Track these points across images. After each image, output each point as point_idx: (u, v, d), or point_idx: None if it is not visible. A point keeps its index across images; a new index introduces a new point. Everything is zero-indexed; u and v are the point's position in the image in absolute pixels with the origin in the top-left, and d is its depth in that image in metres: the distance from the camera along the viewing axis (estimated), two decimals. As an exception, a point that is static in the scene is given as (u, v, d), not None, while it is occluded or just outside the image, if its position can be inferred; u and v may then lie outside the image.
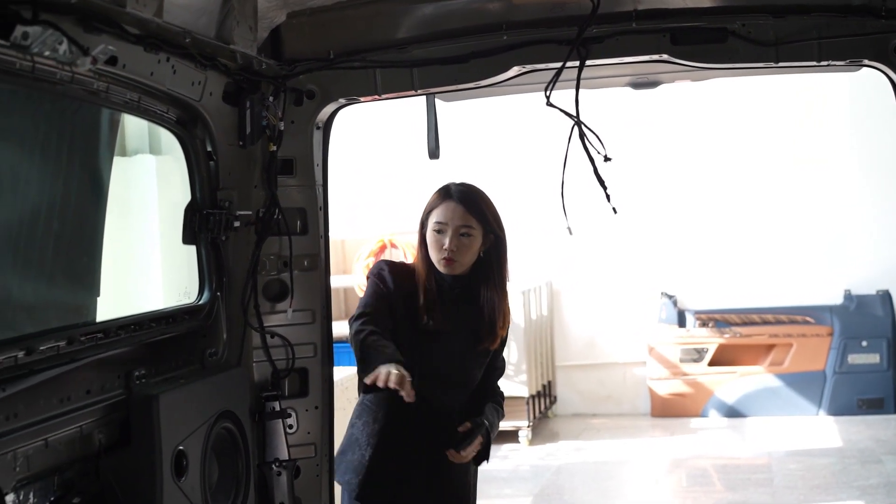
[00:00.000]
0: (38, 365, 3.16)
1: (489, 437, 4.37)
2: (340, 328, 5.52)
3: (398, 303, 4.29)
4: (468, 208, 4.30)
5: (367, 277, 4.41)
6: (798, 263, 11.87)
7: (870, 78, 4.65)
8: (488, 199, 4.37)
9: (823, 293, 11.70)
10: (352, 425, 4.42)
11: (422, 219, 4.39)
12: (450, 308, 4.34)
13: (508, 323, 4.44)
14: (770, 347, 11.66)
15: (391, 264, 4.43)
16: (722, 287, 12.01)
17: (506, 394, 9.84)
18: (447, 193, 4.33)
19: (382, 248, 11.79)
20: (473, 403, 4.46)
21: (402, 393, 3.89)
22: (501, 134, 12.28)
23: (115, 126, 4.21)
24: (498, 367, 4.58)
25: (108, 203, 4.07)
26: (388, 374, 3.90)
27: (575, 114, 4.02)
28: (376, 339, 4.08)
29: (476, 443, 4.31)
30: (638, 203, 11.61)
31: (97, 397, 3.42)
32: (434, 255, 4.31)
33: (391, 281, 4.31)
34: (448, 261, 4.28)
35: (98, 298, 3.95)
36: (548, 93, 4.06)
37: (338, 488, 4.57)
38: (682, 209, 12.10)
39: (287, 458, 4.26)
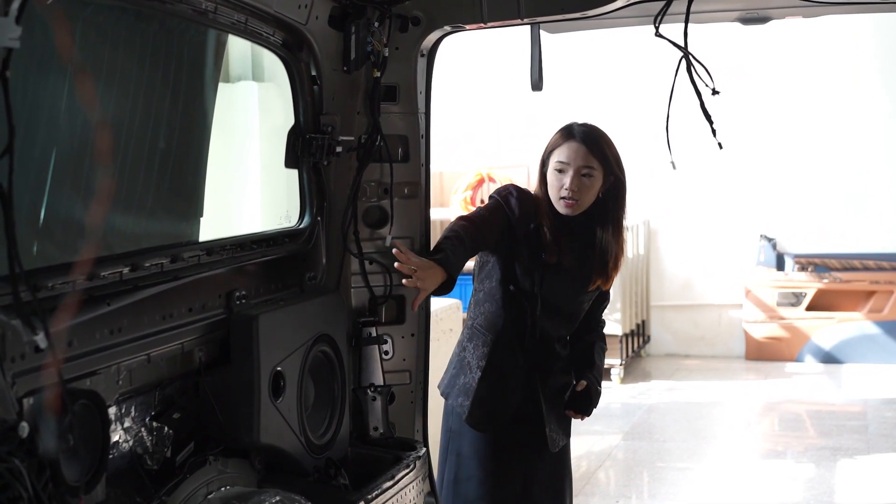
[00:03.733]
0: (142, 281, 3.20)
1: (599, 395, 4.52)
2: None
3: (520, 230, 4.29)
4: (591, 149, 4.26)
5: (491, 196, 4.40)
6: (902, 209, 11.64)
7: None
8: (611, 141, 4.33)
9: (927, 240, 11.49)
10: (463, 349, 4.46)
11: (543, 157, 4.37)
12: (567, 245, 4.34)
13: (621, 264, 4.44)
14: (870, 294, 11.47)
15: (520, 191, 4.41)
16: (823, 231, 11.83)
17: (599, 331, 9.64)
18: (570, 133, 4.30)
19: (480, 182, 11.77)
20: (580, 333, 4.55)
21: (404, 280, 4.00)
22: (602, 69, 12.15)
23: (220, 50, 4.22)
24: (605, 300, 4.61)
25: (212, 127, 4.10)
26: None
27: (684, 45, 3.95)
28: (448, 242, 4.13)
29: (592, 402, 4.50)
30: (740, 143, 11.44)
31: (198, 315, 3.46)
32: (553, 195, 4.30)
33: (518, 208, 4.31)
34: (568, 201, 4.26)
35: (201, 219, 3.99)
36: (657, 24, 4.00)
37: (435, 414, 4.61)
38: (786, 151, 11.90)
39: (382, 383, 4.28)
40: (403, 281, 4.00)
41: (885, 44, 11.59)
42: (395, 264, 4.01)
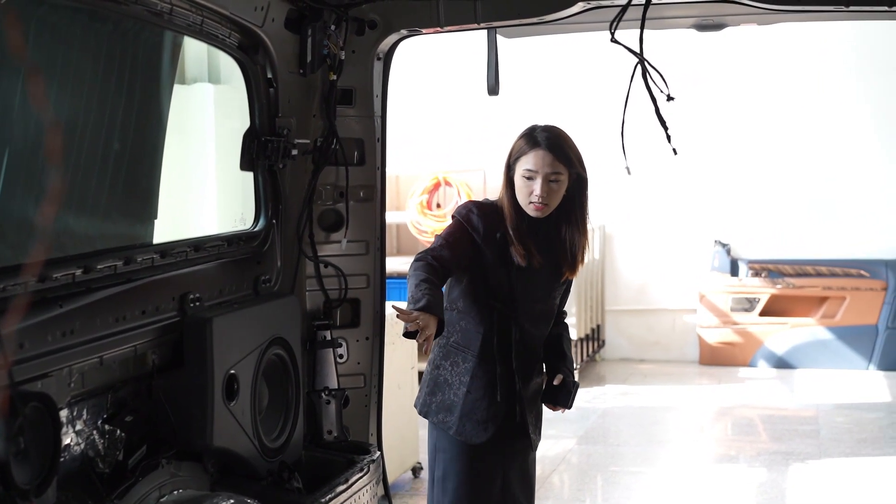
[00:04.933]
0: (95, 283, 3.18)
1: (577, 387, 4.52)
2: (393, 264, 5.53)
3: (489, 244, 4.31)
4: (557, 156, 4.29)
5: (453, 217, 4.40)
6: (854, 216, 11.74)
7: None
8: (572, 142, 4.36)
9: (879, 247, 11.58)
10: (437, 367, 4.44)
11: (508, 162, 4.39)
12: (534, 245, 4.36)
13: (586, 256, 4.48)
14: (823, 300, 11.57)
15: (480, 206, 4.43)
16: (776, 237, 11.92)
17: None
18: (535, 141, 4.32)
19: (437, 186, 11.77)
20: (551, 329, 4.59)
21: (420, 340, 3.88)
22: (559, 74, 12.20)
23: (176, 52, 4.21)
24: (569, 289, 4.64)
25: (167, 129, 4.08)
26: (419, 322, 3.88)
27: (639, 51, 3.98)
28: (425, 285, 4.06)
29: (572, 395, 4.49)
30: (694, 149, 11.52)
31: (152, 318, 3.44)
32: (523, 200, 4.32)
33: (481, 223, 4.32)
34: (538, 205, 4.30)
35: (156, 221, 3.97)
36: (612, 29, 4.02)
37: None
38: (740, 157, 11.99)
39: (337, 387, 4.28)
40: (417, 339, 3.87)
41: (829, 52, 11.70)
42: (397, 315, 3.96)
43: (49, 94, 3.32)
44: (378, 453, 4.37)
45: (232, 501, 3.40)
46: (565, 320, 4.68)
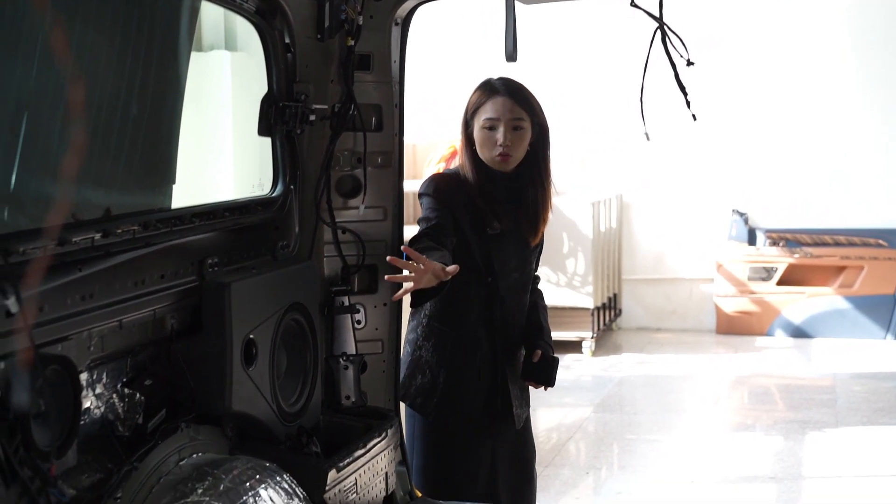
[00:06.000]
0: (113, 247, 3.19)
1: (558, 362, 4.44)
2: (410, 232, 5.51)
3: (461, 214, 4.27)
4: (517, 100, 4.27)
5: (420, 196, 4.37)
6: (873, 185, 11.69)
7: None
8: (530, 91, 4.34)
9: (898, 216, 11.56)
10: (418, 347, 4.42)
11: (465, 119, 4.37)
12: (502, 209, 4.33)
13: (549, 217, 4.41)
14: (841, 269, 11.54)
15: (442, 177, 4.41)
16: (794, 206, 11.88)
17: (571, 305, 9.93)
18: (493, 88, 4.31)
19: (454, 154, 11.74)
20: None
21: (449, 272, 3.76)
22: (577, 40, 12.14)
23: (194, 17, 4.20)
24: (541, 252, 4.58)
25: (185, 95, 4.08)
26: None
27: (659, 16, 3.95)
28: (429, 247, 4.00)
29: (554, 371, 4.41)
30: (713, 117, 11.47)
31: (170, 282, 3.45)
32: (486, 154, 4.28)
33: (449, 193, 4.29)
34: (503, 156, 4.26)
35: (174, 186, 3.97)
36: (632, -7, 3.99)
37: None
38: (759, 125, 11.94)
39: (354, 352, 4.28)
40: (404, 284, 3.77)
41: (851, 23, 11.62)
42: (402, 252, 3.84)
43: (67, 58, 3.32)
44: (396, 419, 4.37)
45: (251, 465, 3.41)
46: (538, 285, 4.62)
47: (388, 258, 3.81)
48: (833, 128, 11.76)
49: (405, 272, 3.73)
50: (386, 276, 3.82)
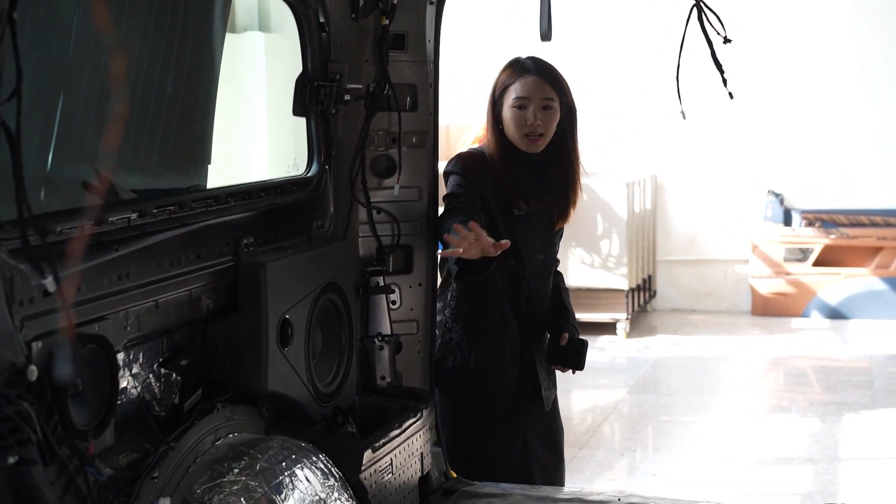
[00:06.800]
0: (150, 227, 3.19)
1: (586, 345, 4.41)
2: (444, 210, 5.52)
3: (487, 193, 4.26)
4: (547, 80, 4.25)
5: (446, 174, 4.35)
6: (911, 165, 11.60)
7: None
8: (559, 71, 4.31)
9: (937, 196, 11.47)
10: (448, 330, 4.41)
11: (493, 97, 4.34)
12: (528, 189, 4.31)
13: (578, 200, 4.39)
14: (877, 250, 11.45)
15: (468, 155, 4.39)
16: (830, 187, 11.80)
17: (605, 286, 9.92)
18: (523, 67, 4.28)
19: (487, 135, 11.73)
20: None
21: (491, 249, 3.74)
22: (612, 19, 12.08)
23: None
24: (562, 235, 4.56)
25: (220, 76, 4.08)
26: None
27: (695, -7, 3.92)
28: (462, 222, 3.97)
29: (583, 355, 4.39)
30: (748, 97, 11.39)
31: (206, 262, 3.45)
32: (515, 133, 4.26)
33: (476, 172, 4.28)
34: (534, 136, 4.23)
35: (209, 167, 3.98)
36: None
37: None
38: (795, 105, 11.85)
39: (390, 332, 4.28)
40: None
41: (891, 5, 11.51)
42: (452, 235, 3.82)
43: (104, 38, 3.33)
44: (431, 399, 4.37)
45: (287, 445, 3.42)
46: (558, 267, 4.60)
47: (453, 225, 3.78)
48: (870, 108, 11.67)
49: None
50: (440, 252, 3.80)
